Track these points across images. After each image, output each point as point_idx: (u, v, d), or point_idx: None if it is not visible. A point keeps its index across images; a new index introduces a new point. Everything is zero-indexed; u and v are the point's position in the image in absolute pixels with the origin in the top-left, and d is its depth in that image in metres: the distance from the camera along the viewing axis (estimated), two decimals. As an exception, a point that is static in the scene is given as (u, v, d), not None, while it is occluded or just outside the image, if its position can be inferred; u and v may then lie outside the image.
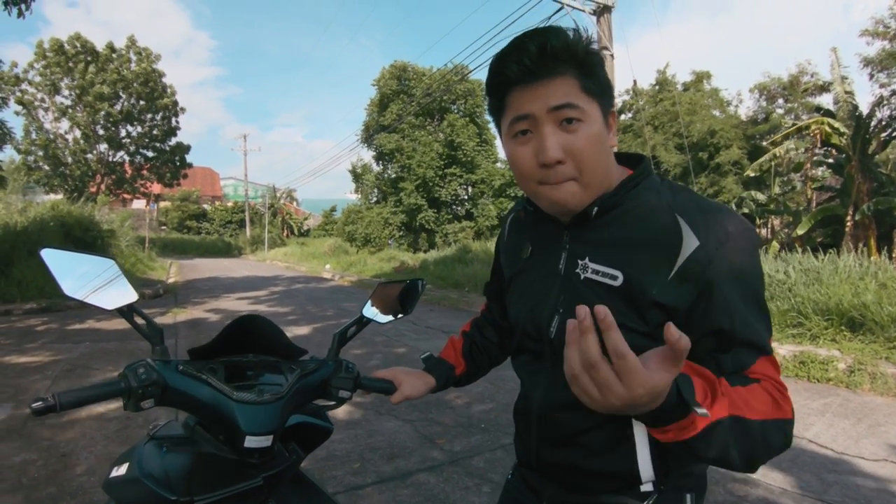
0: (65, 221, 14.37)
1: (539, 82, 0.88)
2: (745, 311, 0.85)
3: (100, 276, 1.01)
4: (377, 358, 6.40)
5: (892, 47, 17.23)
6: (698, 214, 0.88)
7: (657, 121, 25.56)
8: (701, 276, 0.84)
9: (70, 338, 7.21)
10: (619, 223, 0.93)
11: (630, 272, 0.89)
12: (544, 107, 0.87)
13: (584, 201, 0.93)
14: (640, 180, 0.96)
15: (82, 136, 30.32)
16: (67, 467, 3.28)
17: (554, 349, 0.97)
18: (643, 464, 0.94)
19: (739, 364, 0.84)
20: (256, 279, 18.51)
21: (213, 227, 49.39)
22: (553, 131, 0.88)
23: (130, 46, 31.07)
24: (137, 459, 0.98)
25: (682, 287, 0.85)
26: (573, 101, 0.87)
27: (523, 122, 0.90)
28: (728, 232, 0.86)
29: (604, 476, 0.97)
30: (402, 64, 28.77)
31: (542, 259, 1.04)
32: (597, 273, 0.93)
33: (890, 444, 3.86)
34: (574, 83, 0.88)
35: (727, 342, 0.85)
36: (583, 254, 0.96)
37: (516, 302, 1.09)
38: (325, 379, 1.13)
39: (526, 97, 0.89)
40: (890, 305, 6.14)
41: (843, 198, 16.52)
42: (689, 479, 0.99)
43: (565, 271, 0.98)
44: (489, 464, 3.47)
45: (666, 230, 0.88)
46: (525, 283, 1.07)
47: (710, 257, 0.84)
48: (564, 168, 0.89)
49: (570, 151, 0.88)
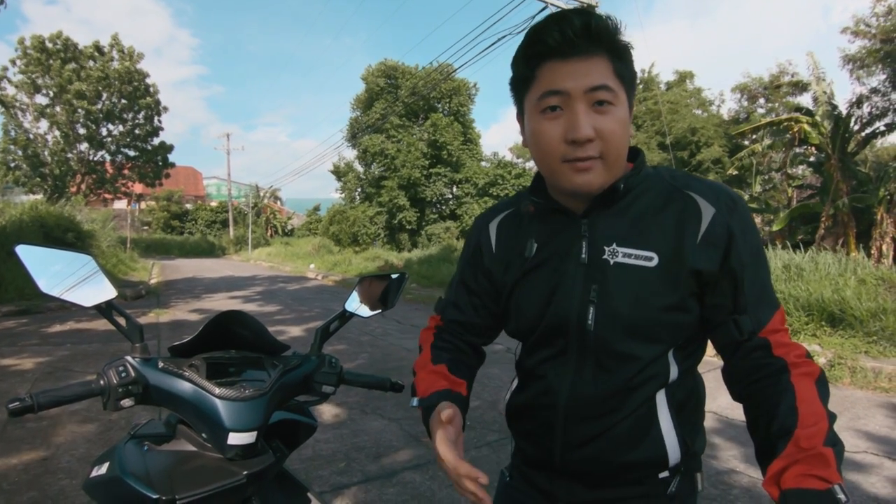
0: (44, 222, 14.15)
1: (578, 58, 0.89)
2: (755, 267, 0.94)
3: (77, 273, 0.99)
4: (363, 357, 6.38)
5: (873, 45, 17.46)
6: (703, 187, 0.96)
7: (639, 119, 25.77)
8: (722, 237, 0.92)
9: (50, 340, 7.10)
10: (636, 207, 0.97)
11: (664, 250, 0.93)
12: (581, 86, 0.88)
13: (606, 181, 0.94)
14: (641, 167, 1.00)
15: (62, 135, 29.84)
16: (48, 471, 3.23)
17: (587, 341, 0.96)
18: (671, 447, 0.96)
19: (756, 322, 0.92)
20: (240, 279, 18.36)
21: (196, 227, 48.94)
22: (586, 111, 0.89)
23: (114, 45, 30.66)
24: (118, 458, 0.96)
25: (709, 250, 0.92)
26: (608, 84, 0.89)
27: (555, 97, 0.90)
28: (732, 198, 0.95)
29: (635, 466, 0.97)
30: (393, 63, 28.67)
31: (556, 252, 1.00)
32: (629, 256, 0.94)
33: (869, 435, 3.93)
34: (609, 66, 0.90)
35: (743, 298, 0.93)
36: (608, 240, 0.96)
37: (529, 303, 1.03)
38: (308, 374, 1.12)
39: (563, 72, 0.89)
40: (869, 301, 6.25)
41: (823, 195, 16.74)
42: (696, 459, 1.03)
43: (590, 260, 0.96)
44: (475, 461, 3.46)
45: (682, 205, 0.95)
46: (538, 280, 1.02)
47: (725, 221, 0.92)
48: (593, 146, 0.90)
49: (601, 132, 0.89)
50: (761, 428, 0.89)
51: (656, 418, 0.96)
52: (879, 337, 5.85)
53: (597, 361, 0.96)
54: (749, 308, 0.92)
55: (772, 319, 0.93)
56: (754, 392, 0.92)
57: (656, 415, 0.96)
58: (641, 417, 0.95)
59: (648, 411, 0.96)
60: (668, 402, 0.96)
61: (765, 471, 0.86)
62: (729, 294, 0.93)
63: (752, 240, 0.95)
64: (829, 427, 0.84)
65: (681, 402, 0.98)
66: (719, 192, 0.95)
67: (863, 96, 17.67)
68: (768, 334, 0.92)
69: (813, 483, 0.78)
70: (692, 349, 1.00)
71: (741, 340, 0.93)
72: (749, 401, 0.94)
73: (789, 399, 0.86)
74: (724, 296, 0.93)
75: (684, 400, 0.99)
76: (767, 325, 0.92)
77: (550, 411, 1.00)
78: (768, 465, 0.85)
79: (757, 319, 0.92)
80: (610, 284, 0.94)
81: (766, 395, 0.89)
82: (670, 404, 0.96)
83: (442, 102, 28.74)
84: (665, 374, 0.96)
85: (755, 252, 0.94)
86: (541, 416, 1.02)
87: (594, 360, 0.96)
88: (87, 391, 0.93)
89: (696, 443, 1.01)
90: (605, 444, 0.96)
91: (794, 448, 0.82)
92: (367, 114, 28.08)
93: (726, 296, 0.93)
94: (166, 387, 0.97)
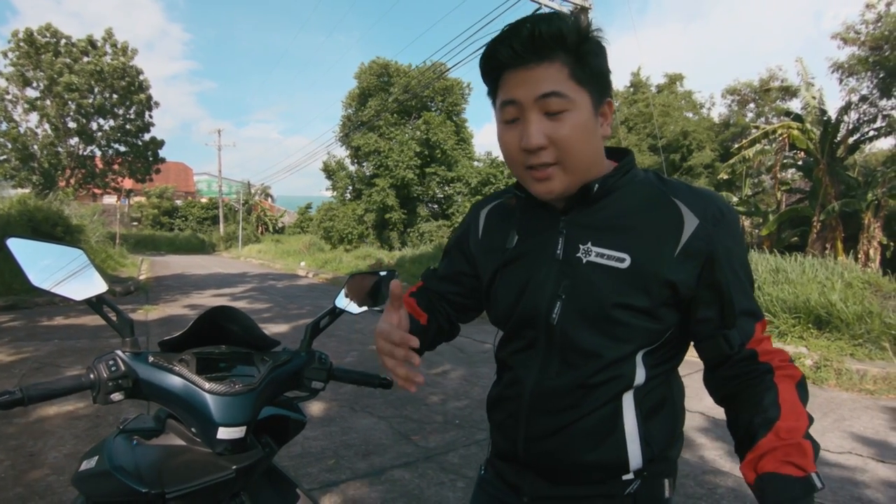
0: (32, 216, 14.01)
1: (527, 67, 0.90)
2: (740, 282, 0.94)
3: (68, 266, 0.99)
4: (352, 355, 6.38)
5: (862, 52, 17.62)
6: (692, 197, 0.95)
7: (631, 122, 25.85)
8: (702, 250, 0.91)
9: (38, 335, 7.04)
10: (617, 207, 0.97)
11: (637, 254, 0.93)
12: (531, 94, 0.90)
13: (570, 186, 0.95)
14: (629, 168, 1.00)
15: (52, 128, 29.54)
16: (35, 467, 3.21)
17: (553, 335, 0.97)
18: (632, 451, 0.96)
19: (745, 335, 0.93)
20: (230, 276, 18.28)
21: (186, 223, 48.67)
22: (538, 119, 0.90)
23: (107, 39, 30.37)
24: (107, 452, 0.96)
25: (687, 263, 0.92)
26: (559, 90, 0.89)
27: (511, 107, 0.92)
28: (721, 211, 0.94)
29: (593, 467, 0.97)
30: (384, 62, 28.57)
31: (534, 246, 1.03)
32: (601, 256, 0.95)
33: (854, 437, 3.97)
34: (563, 70, 0.89)
35: (730, 313, 0.93)
36: (584, 238, 0.97)
37: (505, 293, 1.05)
38: (297, 370, 1.13)
39: (515, 81, 0.91)
40: (855, 304, 6.31)
41: (812, 200, 16.87)
42: (666, 465, 1.02)
43: (564, 256, 0.98)
44: (464, 459, 3.48)
45: (665, 212, 0.94)
46: (516, 271, 1.04)
47: (709, 234, 0.92)
48: (546, 153, 0.91)
49: (554, 139, 0.90)
50: (743, 422, 0.91)
51: (621, 420, 0.95)
52: (865, 340, 5.92)
53: (562, 356, 0.97)
54: (738, 322, 0.93)
55: (756, 329, 0.94)
56: (738, 392, 0.94)
57: (621, 417, 0.95)
58: (605, 417, 0.96)
59: (613, 412, 0.95)
60: (635, 406, 0.96)
61: (743, 458, 0.88)
62: (715, 309, 0.93)
63: (739, 253, 0.95)
64: (808, 426, 0.86)
65: (652, 407, 0.98)
66: (708, 203, 0.94)
67: (851, 103, 17.83)
68: (755, 344, 0.93)
69: (791, 469, 0.81)
70: (667, 355, 1.00)
71: (730, 354, 0.94)
72: (733, 400, 0.95)
73: (772, 395, 0.88)
74: (711, 310, 0.94)
75: (656, 405, 0.99)
76: (754, 336, 0.94)
77: (517, 402, 1.02)
78: (747, 451, 0.87)
79: (745, 332, 0.93)
80: (579, 281, 0.95)
81: (750, 393, 0.91)
82: (638, 408, 0.96)
83: (435, 101, 28.69)
84: (630, 377, 0.95)
85: (741, 265, 0.95)
86: (509, 408, 1.04)
87: (560, 354, 0.97)
88: (78, 385, 0.93)
89: (668, 449, 1.01)
90: (565, 439, 0.97)
91: (775, 437, 0.84)
92: (361, 112, 27.96)
93: (713, 311, 0.93)
94: (156, 381, 0.97)
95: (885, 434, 4.04)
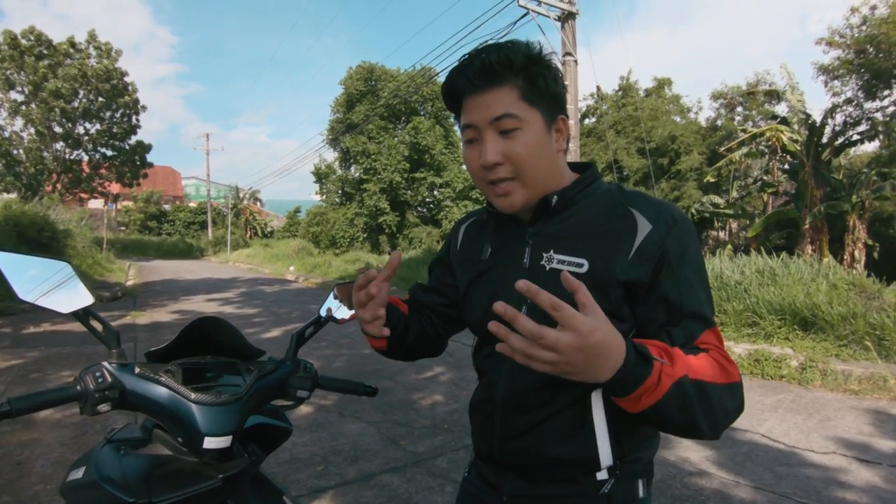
0: (18, 221, 13.86)
1: (481, 93, 0.98)
2: (691, 285, 0.96)
3: (54, 279, 1.00)
4: (341, 360, 6.38)
5: (846, 56, 17.79)
6: (647, 205, 1.01)
7: (619, 126, 25.94)
8: (655, 253, 0.96)
9: (24, 342, 6.99)
10: (578, 217, 1.04)
11: (594, 258, 0.98)
12: (486, 118, 0.98)
13: (530, 198, 1.03)
14: (591, 180, 1.07)
15: (37, 132, 29.22)
16: (23, 475, 3.19)
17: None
18: (603, 448, 1.00)
19: (689, 335, 0.94)
20: (219, 281, 18.19)
21: (174, 228, 48.35)
22: (493, 138, 0.99)
23: (91, 41, 30.08)
24: (95, 463, 0.97)
25: (640, 265, 0.96)
26: (511, 111, 0.97)
27: (470, 129, 1.01)
28: (674, 218, 0.99)
29: (566, 463, 1.01)
30: (370, 65, 28.55)
31: (504, 257, 1.09)
32: (562, 262, 1.00)
33: (838, 437, 4.02)
34: (514, 92, 0.98)
35: (677, 314, 0.95)
36: (547, 247, 1.03)
37: (478, 300, 1.12)
38: (283, 379, 1.14)
39: (472, 106, 1.00)
40: (840, 305, 6.38)
41: (798, 202, 17.04)
42: (640, 465, 1.05)
43: (530, 265, 1.04)
44: (452, 464, 3.49)
45: (621, 220, 1.00)
46: (488, 280, 1.11)
47: (661, 238, 0.96)
48: (503, 169, 0.99)
49: (509, 155, 0.98)
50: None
51: (590, 417, 1.00)
52: (850, 340, 5.98)
53: None
54: (683, 322, 0.95)
55: (704, 334, 0.95)
56: None
57: (590, 414, 1.00)
58: (574, 415, 1.00)
59: (582, 410, 1.00)
60: (603, 403, 0.99)
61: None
62: (661, 309, 0.96)
63: (692, 258, 0.98)
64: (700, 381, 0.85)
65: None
66: (661, 211, 0.99)
67: (836, 106, 18.02)
68: (700, 344, 0.94)
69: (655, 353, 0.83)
70: None
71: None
72: None
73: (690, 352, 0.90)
74: (656, 310, 0.96)
75: None
76: (700, 338, 0.94)
77: (491, 404, 1.08)
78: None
79: (689, 333, 0.94)
80: (541, 287, 0.98)
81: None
82: (606, 405, 0.99)
83: (424, 106, 28.73)
84: None
85: (694, 270, 0.98)
86: (485, 410, 1.11)
87: None
88: (65, 396, 0.94)
89: (640, 449, 1.04)
90: (536, 437, 1.02)
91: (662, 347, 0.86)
92: (349, 115, 27.92)
93: (658, 310, 0.96)
94: (143, 392, 0.98)
95: (869, 434, 4.09)
